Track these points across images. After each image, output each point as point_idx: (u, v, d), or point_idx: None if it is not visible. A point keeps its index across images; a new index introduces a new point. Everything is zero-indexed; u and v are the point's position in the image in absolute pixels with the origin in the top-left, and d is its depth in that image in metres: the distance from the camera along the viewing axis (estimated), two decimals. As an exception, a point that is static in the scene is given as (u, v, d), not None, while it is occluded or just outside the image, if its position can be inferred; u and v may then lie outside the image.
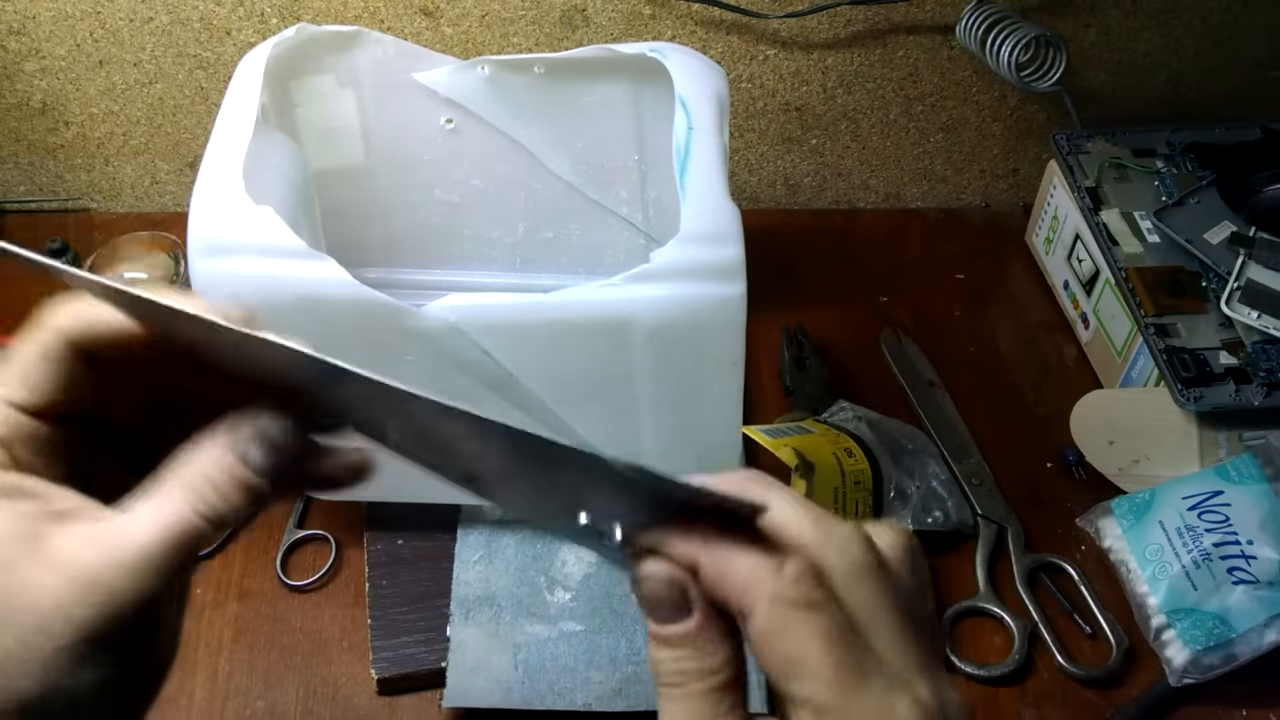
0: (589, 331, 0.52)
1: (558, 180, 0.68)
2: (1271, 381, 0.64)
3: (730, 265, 0.52)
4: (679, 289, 0.51)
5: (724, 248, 0.52)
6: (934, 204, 0.86)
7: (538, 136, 0.67)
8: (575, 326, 0.52)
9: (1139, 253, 0.70)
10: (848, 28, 0.76)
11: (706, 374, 0.55)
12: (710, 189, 0.53)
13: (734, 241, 0.52)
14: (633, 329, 0.52)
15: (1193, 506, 0.60)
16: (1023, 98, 0.80)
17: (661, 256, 0.51)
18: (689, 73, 0.58)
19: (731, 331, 0.54)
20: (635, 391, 0.55)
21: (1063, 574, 0.63)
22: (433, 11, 0.72)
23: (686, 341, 0.53)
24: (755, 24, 0.75)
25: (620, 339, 0.52)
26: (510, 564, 0.62)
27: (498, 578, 0.61)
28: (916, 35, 0.77)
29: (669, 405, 0.56)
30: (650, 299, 0.51)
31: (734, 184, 0.83)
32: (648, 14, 0.74)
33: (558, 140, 0.67)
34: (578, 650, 0.58)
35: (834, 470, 0.61)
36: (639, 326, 0.52)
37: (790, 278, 0.79)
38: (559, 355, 0.54)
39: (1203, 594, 0.58)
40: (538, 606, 0.60)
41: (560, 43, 0.74)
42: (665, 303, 0.51)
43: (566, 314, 0.52)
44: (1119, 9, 0.76)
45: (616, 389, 0.55)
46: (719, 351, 0.54)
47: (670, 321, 0.52)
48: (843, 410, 0.67)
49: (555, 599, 0.61)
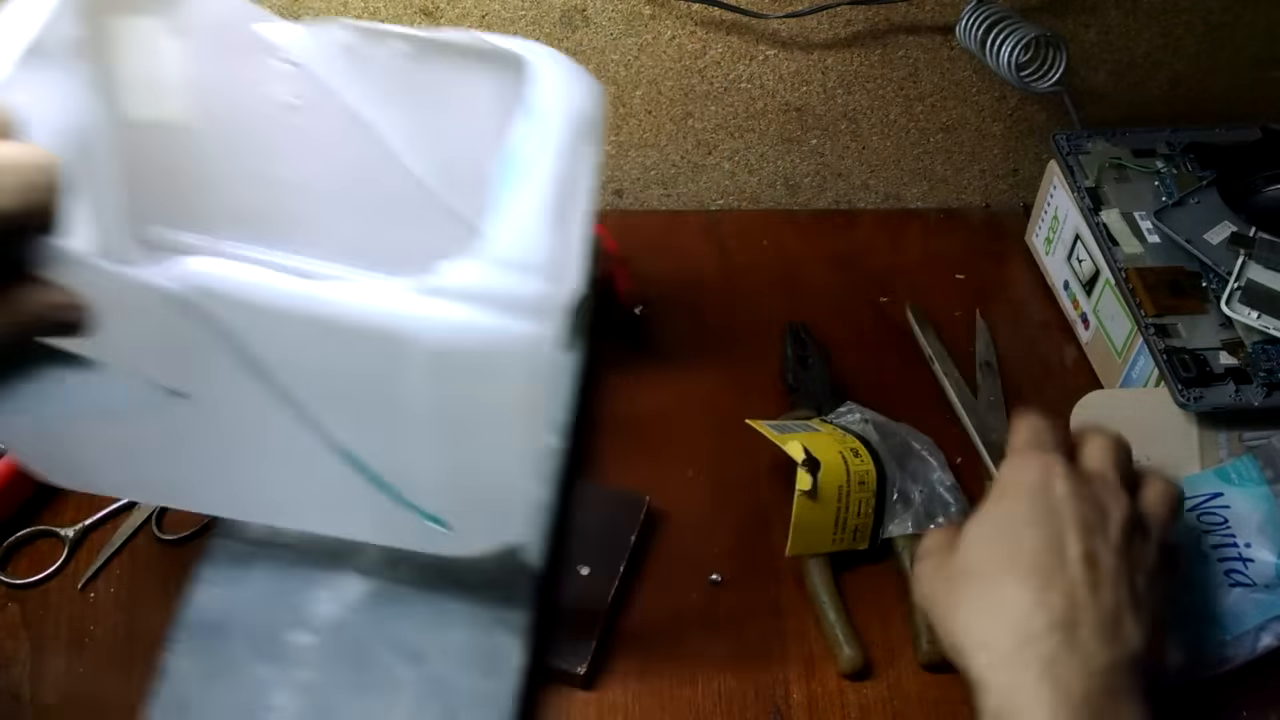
0: (361, 338, 0.45)
1: (411, 177, 0.60)
2: (1271, 382, 0.64)
3: (537, 302, 0.44)
4: (471, 313, 0.44)
5: (532, 280, 0.44)
6: (934, 204, 0.86)
7: (395, 124, 0.59)
8: (344, 328, 0.44)
9: (1139, 253, 0.70)
10: (848, 28, 0.76)
11: (496, 421, 0.48)
12: (536, 213, 0.46)
13: (548, 277, 0.45)
14: (410, 346, 0.44)
15: (1192, 508, 0.60)
16: (1023, 98, 0.80)
17: (452, 270, 0.44)
18: (552, 81, 0.51)
19: (530, 377, 0.46)
20: (411, 419, 0.48)
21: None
22: (433, 12, 0.73)
23: (472, 377, 0.46)
24: (755, 24, 0.75)
25: (396, 355, 0.45)
26: (258, 592, 0.56)
27: (238, 606, 0.55)
28: (916, 35, 0.77)
29: (446, 444, 0.49)
30: (432, 316, 0.44)
31: (734, 184, 0.83)
32: (648, 14, 0.74)
33: (417, 133, 0.59)
34: (304, 703, 0.53)
35: (840, 469, 0.61)
36: (417, 345, 0.44)
37: (790, 278, 0.79)
38: (324, 355, 0.46)
39: (1200, 595, 0.58)
40: (273, 647, 0.54)
41: (560, 43, 0.74)
42: (450, 324, 0.44)
43: (335, 311, 0.44)
44: (1119, 9, 0.76)
45: (390, 410, 0.48)
46: (513, 398, 0.47)
47: (453, 348, 0.44)
48: (851, 412, 0.67)
49: (295, 640, 0.55)
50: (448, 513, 0.52)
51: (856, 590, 0.63)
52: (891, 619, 0.62)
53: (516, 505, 0.54)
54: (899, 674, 0.60)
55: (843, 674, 0.59)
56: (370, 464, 0.50)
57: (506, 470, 0.52)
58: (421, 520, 0.52)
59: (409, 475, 0.51)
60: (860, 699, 0.59)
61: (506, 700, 0.55)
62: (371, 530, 0.55)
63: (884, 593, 0.63)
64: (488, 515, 0.54)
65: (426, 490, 0.52)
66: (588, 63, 0.76)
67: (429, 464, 0.51)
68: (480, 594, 0.57)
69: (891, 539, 0.63)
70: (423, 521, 0.52)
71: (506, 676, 0.56)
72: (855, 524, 0.62)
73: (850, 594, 0.62)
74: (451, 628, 0.56)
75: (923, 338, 0.74)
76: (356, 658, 0.55)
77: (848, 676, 0.59)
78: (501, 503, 0.53)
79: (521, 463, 0.52)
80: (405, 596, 0.57)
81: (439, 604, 0.57)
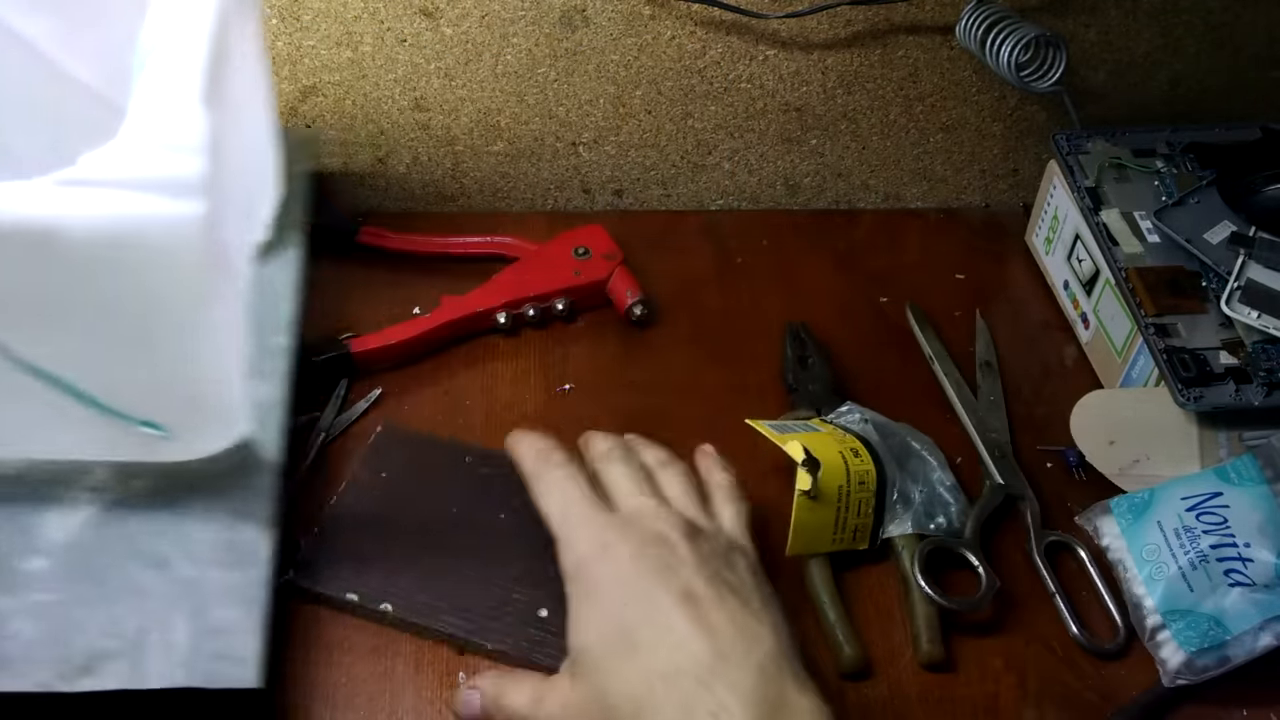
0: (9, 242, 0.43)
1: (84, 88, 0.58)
2: (1272, 381, 0.64)
3: (188, 180, 0.43)
4: (116, 199, 0.43)
5: (182, 158, 0.43)
6: (934, 204, 0.86)
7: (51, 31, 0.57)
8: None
9: (1139, 253, 0.70)
10: (848, 28, 0.76)
11: (175, 313, 0.48)
12: (174, 91, 0.45)
13: (193, 152, 0.44)
14: (59, 243, 0.43)
15: (1191, 508, 0.60)
16: (1023, 98, 0.80)
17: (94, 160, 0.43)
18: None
19: (192, 259, 0.45)
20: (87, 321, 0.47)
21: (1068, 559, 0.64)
22: (432, 12, 0.73)
23: (132, 266, 0.45)
24: (755, 24, 0.75)
25: (49, 255, 0.44)
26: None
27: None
28: (916, 35, 0.77)
29: (131, 344, 0.49)
30: (79, 209, 0.42)
31: (734, 184, 0.83)
32: (648, 14, 0.74)
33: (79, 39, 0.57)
34: (42, 624, 0.52)
35: (840, 469, 0.61)
36: (65, 240, 0.43)
37: (790, 278, 0.79)
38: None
39: (1199, 595, 0.58)
40: (3, 576, 0.53)
41: (560, 43, 0.74)
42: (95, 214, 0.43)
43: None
44: (1119, 9, 0.76)
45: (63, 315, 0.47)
46: (186, 284, 0.46)
47: (104, 237, 0.43)
48: (850, 412, 0.67)
49: (27, 566, 0.53)
50: (160, 416, 0.52)
51: (856, 590, 0.63)
52: (891, 619, 0.62)
53: (232, 402, 0.54)
54: (899, 674, 0.60)
55: (843, 674, 0.59)
56: (63, 376, 0.49)
57: (209, 366, 0.51)
58: (135, 427, 0.52)
59: (108, 382, 0.50)
60: (860, 699, 0.58)
61: (258, 589, 0.55)
62: (92, 446, 0.55)
63: (884, 593, 0.63)
64: (203, 415, 0.53)
65: (131, 396, 0.51)
66: (588, 63, 0.76)
67: (122, 367, 0.50)
68: (219, 493, 0.57)
69: (891, 539, 0.63)
70: (137, 429, 0.52)
71: (256, 567, 0.55)
72: (855, 524, 0.62)
73: (850, 594, 0.62)
74: (192, 530, 0.56)
75: (923, 338, 0.74)
76: (96, 574, 0.54)
77: (848, 676, 0.59)
78: (214, 399, 0.53)
79: (224, 357, 0.51)
80: (141, 507, 0.56)
81: (177, 509, 0.56)
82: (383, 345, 0.70)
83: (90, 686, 0.51)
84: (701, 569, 0.52)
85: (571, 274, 0.74)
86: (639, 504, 0.56)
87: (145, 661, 0.52)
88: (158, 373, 0.51)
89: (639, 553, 0.53)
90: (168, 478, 0.57)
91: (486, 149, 0.80)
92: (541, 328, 0.74)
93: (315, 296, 0.74)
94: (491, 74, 0.76)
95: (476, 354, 0.72)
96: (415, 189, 0.81)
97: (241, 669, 0.52)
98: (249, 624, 0.54)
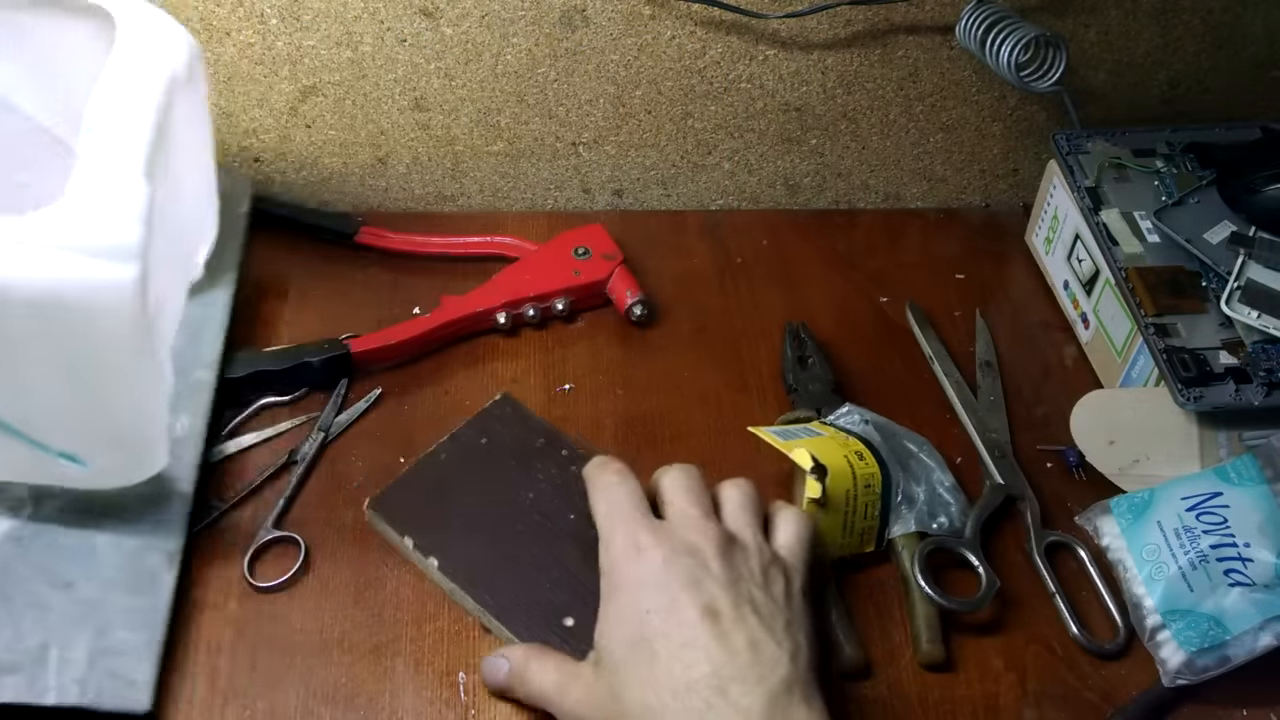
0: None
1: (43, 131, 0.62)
2: (1271, 381, 0.64)
3: (124, 247, 0.47)
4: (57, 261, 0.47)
5: (116, 224, 0.47)
6: (934, 204, 0.86)
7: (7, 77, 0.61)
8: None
9: (1139, 253, 0.70)
10: (848, 28, 0.76)
11: (107, 361, 0.51)
12: (117, 159, 0.49)
13: (131, 220, 0.48)
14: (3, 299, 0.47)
15: (1191, 508, 0.60)
16: (1023, 98, 0.80)
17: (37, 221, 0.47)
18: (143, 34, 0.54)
19: (124, 319, 0.49)
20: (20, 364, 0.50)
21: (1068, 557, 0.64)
22: (432, 12, 0.73)
23: (68, 322, 0.49)
24: (755, 24, 0.75)
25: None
26: None
27: None
28: (916, 35, 0.77)
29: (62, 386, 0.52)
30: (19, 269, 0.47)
31: (734, 184, 0.83)
32: (648, 14, 0.74)
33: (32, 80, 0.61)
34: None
35: (846, 473, 0.61)
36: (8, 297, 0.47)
37: (789, 278, 0.79)
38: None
39: (1199, 595, 0.58)
40: None
41: (560, 43, 0.74)
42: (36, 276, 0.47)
43: None
44: (1119, 9, 0.76)
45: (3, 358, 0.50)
46: (117, 340, 0.50)
47: (42, 296, 0.47)
48: (851, 413, 0.67)
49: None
50: (80, 449, 0.54)
51: (857, 590, 0.63)
52: (891, 619, 0.62)
53: (152, 438, 0.56)
54: (899, 674, 0.60)
55: (843, 674, 0.59)
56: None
57: (132, 407, 0.54)
58: (53, 459, 0.54)
59: (32, 417, 0.53)
60: (860, 699, 0.58)
61: (159, 615, 0.56)
62: (10, 469, 0.57)
63: (884, 593, 0.63)
64: (122, 449, 0.56)
65: (54, 429, 0.54)
66: (588, 63, 0.76)
67: (50, 405, 0.52)
68: (129, 522, 0.59)
69: (892, 539, 0.63)
70: (55, 460, 0.54)
71: (159, 594, 0.57)
72: (862, 527, 0.62)
73: (850, 594, 0.62)
74: (100, 556, 0.58)
75: (923, 338, 0.74)
76: (6, 587, 0.55)
77: (848, 676, 0.59)
78: (135, 437, 0.56)
79: (146, 398, 0.54)
80: (51, 530, 0.58)
81: (86, 535, 0.58)
82: (383, 345, 0.70)
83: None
84: (730, 586, 0.52)
85: (571, 274, 0.74)
86: (683, 513, 0.56)
87: (43, 677, 0.53)
88: (81, 412, 0.53)
89: (670, 559, 0.53)
90: (81, 501, 0.58)
91: (486, 149, 0.80)
92: (541, 328, 0.74)
93: (315, 296, 0.74)
94: (491, 74, 0.76)
95: (476, 354, 0.72)
96: (415, 189, 0.81)
97: (134, 691, 0.54)
98: (148, 649, 0.55)
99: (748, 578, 0.53)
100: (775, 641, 0.51)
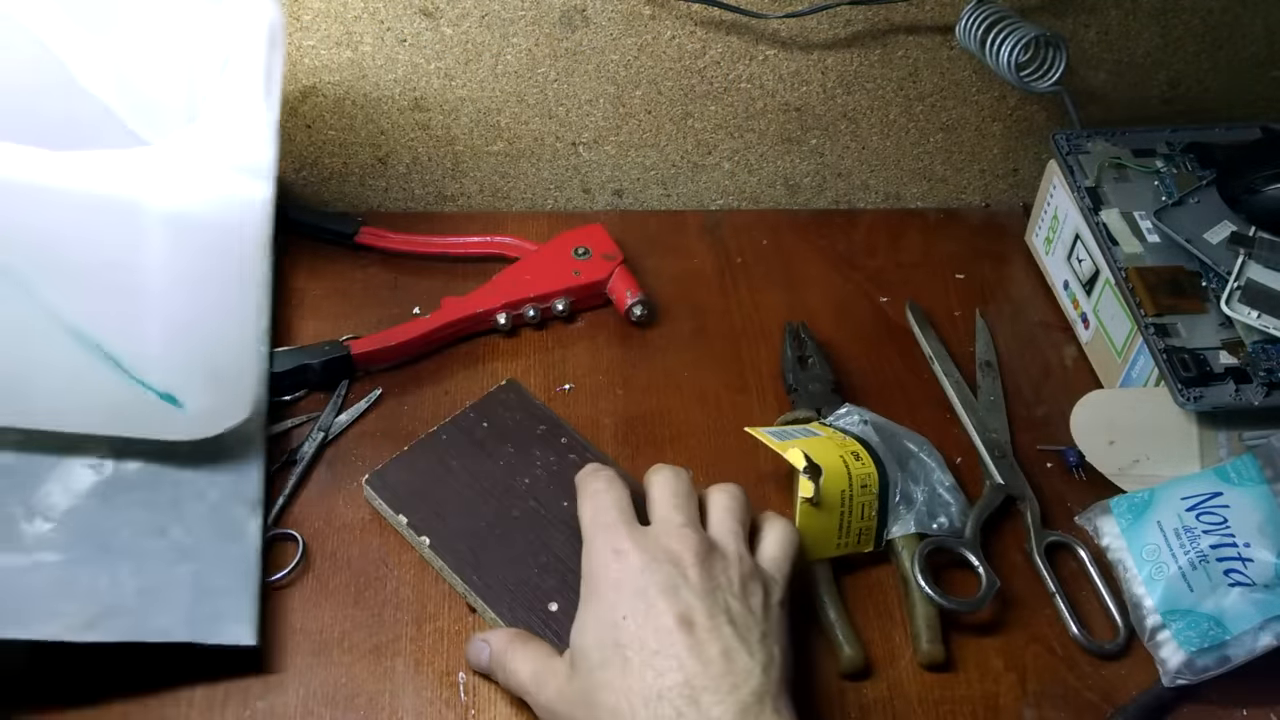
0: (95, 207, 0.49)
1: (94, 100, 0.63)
2: (1271, 381, 0.64)
3: (258, 165, 0.50)
4: (201, 176, 0.49)
5: (250, 143, 0.50)
6: (934, 204, 0.86)
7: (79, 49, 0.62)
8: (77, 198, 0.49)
9: (1139, 253, 0.70)
10: (848, 28, 0.76)
11: (226, 286, 0.53)
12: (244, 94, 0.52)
13: (263, 140, 0.51)
14: (144, 210, 0.49)
15: (1191, 508, 0.60)
16: (1023, 98, 0.80)
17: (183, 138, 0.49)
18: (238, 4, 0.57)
19: (253, 236, 0.52)
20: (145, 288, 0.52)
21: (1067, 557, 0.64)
22: (432, 12, 0.73)
23: (203, 235, 0.51)
24: (755, 24, 0.75)
25: (131, 221, 0.49)
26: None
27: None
28: (916, 35, 0.77)
29: (180, 313, 0.54)
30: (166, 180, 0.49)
31: (734, 184, 0.83)
32: (648, 14, 0.74)
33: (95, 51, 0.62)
34: (49, 581, 0.55)
35: (842, 474, 0.61)
36: (152, 208, 0.49)
37: (789, 278, 0.79)
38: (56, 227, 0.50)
39: (1199, 595, 0.58)
40: (10, 536, 0.56)
41: (560, 43, 0.74)
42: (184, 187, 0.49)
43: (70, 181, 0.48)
44: (1119, 9, 0.76)
45: (124, 280, 0.52)
46: (243, 258, 0.53)
47: (188, 208, 0.49)
48: (850, 414, 0.67)
49: (32, 529, 0.57)
50: (181, 388, 0.56)
51: (856, 590, 0.63)
52: (891, 619, 0.62)
53: (245, 378, 0.59)
54: (899, 674, 0.60)
55: (843, 674, 0.59)
56: (103, 343, 0.53)
57: (235, 339, 0.56)
58: (154, 401, 0.56)
59: (142, 352, 0.54)
60: (860, 699, 0.58)
61: (250, 560, 0.59)
62: (102, 420, 0.58)
63: (884, 593, 0.63)
64: (219, 387, 0.58)
65: (160, 366, 0.55)
66: (588, 63, 0.76)
67: (162, 337, 0.54)
68: (209, 475, 0.61)
69: (892, 539, 0.63)
70: (155, 403, 0.56)
71: (248, 541, 0.59)
72: (860, 527, 0.62)
73: (850, 594, 0.62)
74: (186, 507, 0.59)
75: (923, 338, 0.74)
76: (98, 538, 0.57)
77: (848, 676, 0.59)
78: (231, 375, 0.58)
79: (247, 331, 0.56)
80: (134, 485, 0.60)
81: (170, 488, 0.60)
82: (383, 345, 0.70)
83: (96, 638, 0.53)
84: (707, 595, 0.52)
85: (571, 274, 0.74)
86: (666, 519, 0.56)
87: (148, 618, 0.55)
88: (192, 343, 0.55)
89: (648, 566, 0.53)
90: (161, 455, 0.60)
91: (486, 149, 0.80)
92: (541, 328, 0.74)
93: (315, 297, 0.74)
94: (491, 74, 0.76)
95: (477, 354, 0.72)
96: (415, 189, 0.81)
97: (239, 627, 0.55)
98: (246, 589, 0.57)
99: (725, 587, 0.53)
100: (749, 652, 0.51)
